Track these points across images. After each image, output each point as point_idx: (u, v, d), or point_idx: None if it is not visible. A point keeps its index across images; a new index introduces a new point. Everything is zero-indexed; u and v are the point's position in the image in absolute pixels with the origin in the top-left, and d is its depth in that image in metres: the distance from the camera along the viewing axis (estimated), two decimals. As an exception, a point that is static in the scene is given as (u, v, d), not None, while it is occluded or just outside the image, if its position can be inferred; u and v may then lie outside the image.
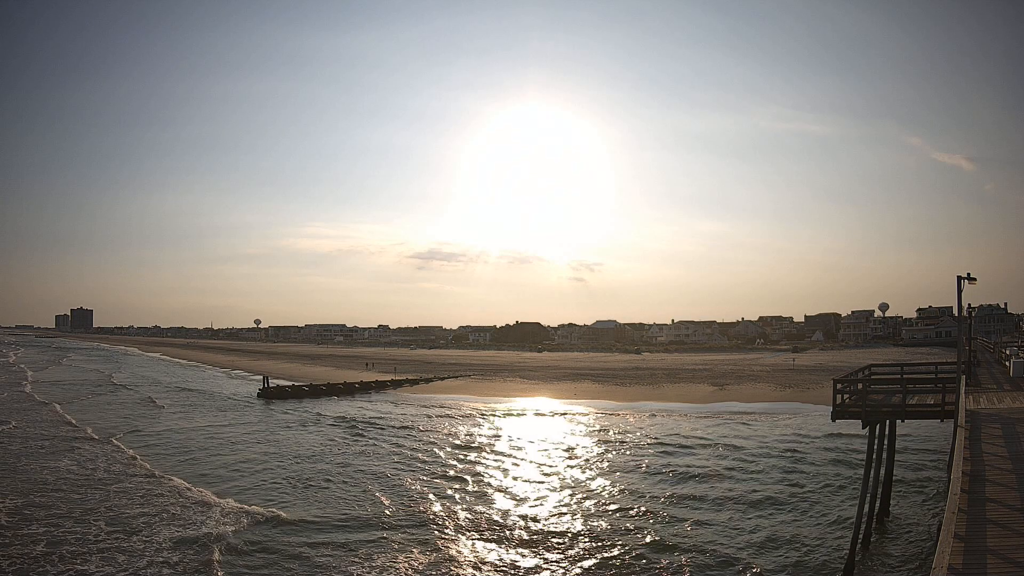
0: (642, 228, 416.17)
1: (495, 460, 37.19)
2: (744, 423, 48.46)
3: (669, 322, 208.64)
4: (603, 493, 29.80)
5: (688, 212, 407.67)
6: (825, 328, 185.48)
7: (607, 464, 35.72)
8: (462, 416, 54.85)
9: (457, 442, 42.54)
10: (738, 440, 41.57)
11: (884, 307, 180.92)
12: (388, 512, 27.07)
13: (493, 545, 23.16)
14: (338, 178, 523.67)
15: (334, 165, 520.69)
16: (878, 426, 24.68)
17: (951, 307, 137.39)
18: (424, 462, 36.68)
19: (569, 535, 24.04)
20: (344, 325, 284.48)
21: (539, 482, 32.15)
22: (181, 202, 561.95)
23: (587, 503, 28.24)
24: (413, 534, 24.30)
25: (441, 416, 54.89)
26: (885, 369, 36.41)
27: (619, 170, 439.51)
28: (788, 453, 37.07)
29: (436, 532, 24.53)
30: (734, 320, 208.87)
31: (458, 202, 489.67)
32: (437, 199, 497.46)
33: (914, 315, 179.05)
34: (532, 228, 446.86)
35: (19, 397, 68.50)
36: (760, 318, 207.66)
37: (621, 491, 30.00)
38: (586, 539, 23.58)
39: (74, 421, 51.21)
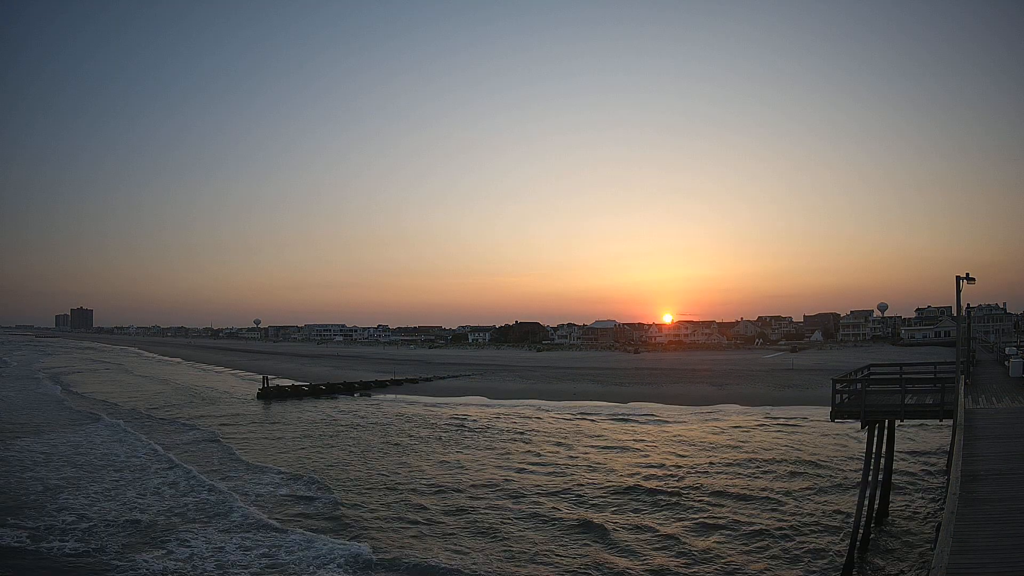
0: (642, 227, 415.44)
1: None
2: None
3: (668, 322, 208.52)
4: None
5: (687, 212, 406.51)
6: (824, 328, 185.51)
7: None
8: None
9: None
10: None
11: (883, 307, 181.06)
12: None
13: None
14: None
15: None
16: (877, 426, 24.71)
17: (950, 307, 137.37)
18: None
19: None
20: (343, 325, 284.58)
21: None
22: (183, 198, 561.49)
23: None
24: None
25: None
26: (884, 369, 36.40)
27: (620, 171, 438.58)
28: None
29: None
30: (733, 320, 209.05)
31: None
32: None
33: (913, 315, 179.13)
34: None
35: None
36: (759, 318, 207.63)
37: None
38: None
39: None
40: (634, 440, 42.53)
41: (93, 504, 28.04)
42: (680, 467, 34.54)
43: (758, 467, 34.32)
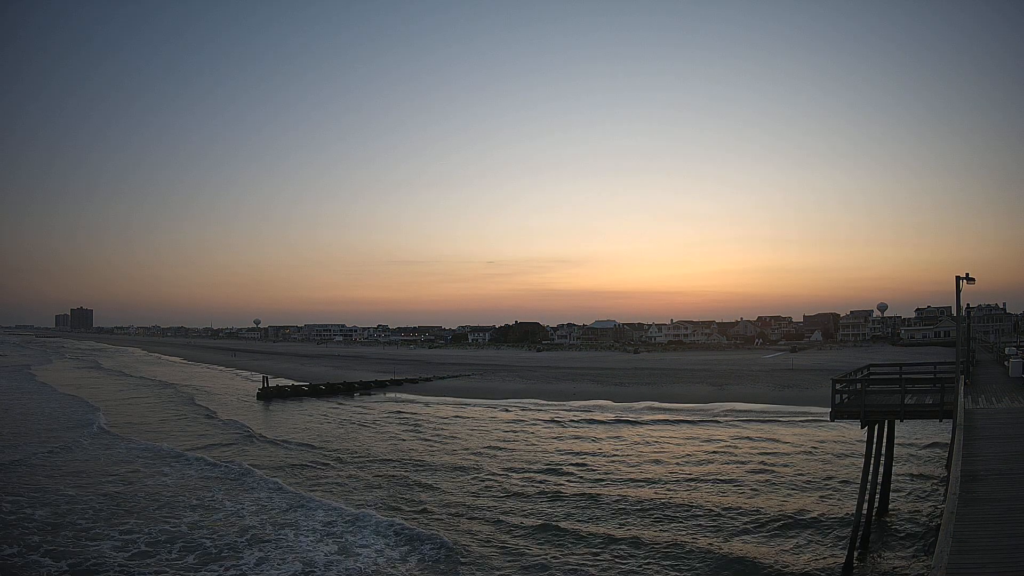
0: (641, 227, 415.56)
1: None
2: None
3: (668, 322, 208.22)
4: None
5: (688, 212, 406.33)
6: (824, 328, 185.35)
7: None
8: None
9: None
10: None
11: (883, 307, 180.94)
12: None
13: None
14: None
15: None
16: (876, 426, 24.69)
17: (950, 307, 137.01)
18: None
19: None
20: (343, 325, 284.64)
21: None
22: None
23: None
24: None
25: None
26: (884, 369, 36.38)
27: (621, 169, 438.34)
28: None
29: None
30: (733, 320, 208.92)
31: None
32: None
33: (913, 315, 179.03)
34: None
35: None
36: (759, 318, 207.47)
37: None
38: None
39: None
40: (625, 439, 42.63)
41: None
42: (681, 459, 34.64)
43: (758, 466, 34.38)
